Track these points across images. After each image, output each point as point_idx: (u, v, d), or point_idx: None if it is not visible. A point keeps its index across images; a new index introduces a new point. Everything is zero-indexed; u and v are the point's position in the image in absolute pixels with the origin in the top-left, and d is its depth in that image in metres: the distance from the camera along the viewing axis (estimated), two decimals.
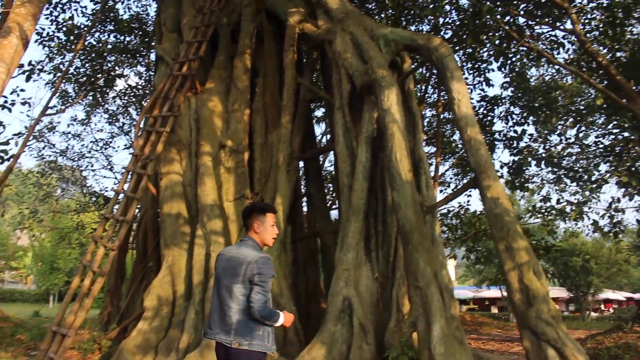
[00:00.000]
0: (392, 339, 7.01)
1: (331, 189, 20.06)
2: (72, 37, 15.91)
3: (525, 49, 14.81)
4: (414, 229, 6.82)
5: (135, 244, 12.26)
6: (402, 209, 7.00)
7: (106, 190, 22.77)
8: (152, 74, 17.98)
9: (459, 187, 23.53)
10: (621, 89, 11.59)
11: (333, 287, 7.41)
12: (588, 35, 13.28)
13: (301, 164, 12.69)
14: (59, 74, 16.54)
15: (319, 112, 22.78)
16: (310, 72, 12.23)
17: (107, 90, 18.82)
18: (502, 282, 26.18)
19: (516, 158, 16.65)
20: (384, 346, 7.00)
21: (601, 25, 13.02)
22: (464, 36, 13.41)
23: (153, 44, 15.89)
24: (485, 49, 16.58)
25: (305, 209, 13.33)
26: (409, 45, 8.83)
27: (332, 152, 19.12)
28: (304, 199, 13.26)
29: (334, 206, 17.88)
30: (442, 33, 16.66)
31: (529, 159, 14.54)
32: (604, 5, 12.78)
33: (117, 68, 18.33)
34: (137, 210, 11.87)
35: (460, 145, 22.28)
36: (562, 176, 13.63)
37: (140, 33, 18.34)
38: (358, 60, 8.79)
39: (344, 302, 7.22)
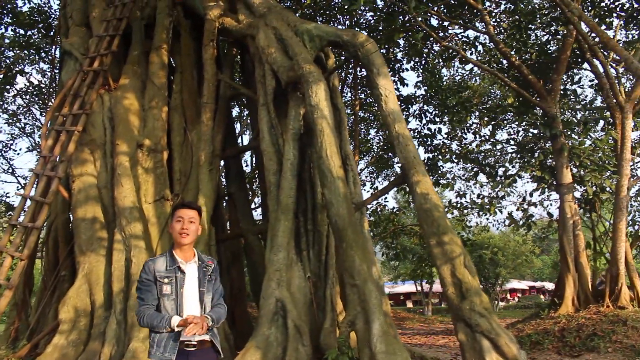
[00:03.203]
0: (329, 340, 6.87)
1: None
2: None
3: (437, 49, 15.26)
4: (348, 226, 6.71)
5: (44, 253, 11.37)
6: (335, 206, 6.87)
7: (8, 196, 21.27)
8: (57, 71, 16.90)
9: (375, 185, 23.95)
10: (530, 89, 12.15)
11: (265, 289, 7.15)
12: (498, 37, 13.83)
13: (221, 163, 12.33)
14: None
15: (234, 112, 22.41)
16: (230, 68, 11.89)
17: (8, 87, 17.46)
18: (418, 277, 26.85)
19: (431, 155, 17.11)
20: (320, 347, 6.85)
21: (509, 29, 13.63)
22: (378, 37, 13.60)
23: (58, 39, 14.90)
24: (398, 49, 16.94)
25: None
26: (333, 41, 8.74)
27: (248, 153, 18.92)
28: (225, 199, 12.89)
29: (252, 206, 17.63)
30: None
31: (447, 155, 14.92)
32: (511, 9, 13.36)
33: (17, 64, 17.04)
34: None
35: (375, 145, 22.76)
36: (479, 171, 14.12)
37: (43, 27, 17.14)
38: (283, 55, 8.60)
39: (277, 304, 6.99)
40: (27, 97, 19.84)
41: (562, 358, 8.69)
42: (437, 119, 18.30)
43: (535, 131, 13.30)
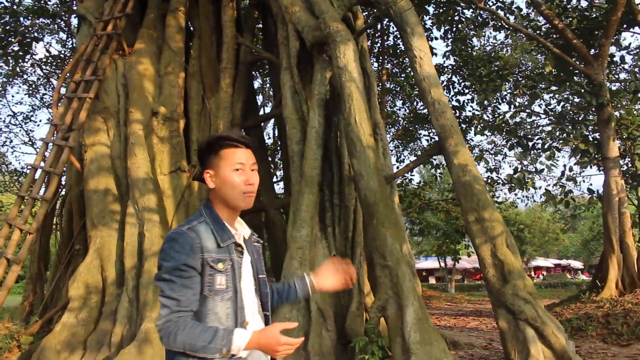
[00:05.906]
0: (355, 324, 6.30)
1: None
2: None
3: (469, 16, 14.39)
4: (379, 201, 6.06)
5: (59, 226, 10.99)
6: (364, 178, 6.22)
7: (29, 169, 21.04)
8: (75, 40, 16.38)
9: (402, 159, 23.23)
10: (573, 55, 11.26)
11: (286, 268, 6.58)
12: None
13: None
14: None
15: (256, 83, 21.76)
16: (251, 32, 11.21)
17: (25, 57, 17.00)
18: (443, 254, 26.18)
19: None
20: (346, 333, 6.28)
21: None
22: None
23: (75, 7, 14.33)
24: (427, 17, 16.09)
25: None
26: None
27: (270, 124, 18.28)
28: None
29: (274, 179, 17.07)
30: None
31: (478, 126, 14.10)
32: None
33: (32, 31, 16.53)
34: (61, 188, 10.66)
35: (401, 117, 21.96)
36: (515, 144, 13.34)
37: None
38: (308, 14, 7.90)
39: None
40: (47, 68, 19.45)
41: (609, 347, 7.97)
42: (466, 90, 17.51)
43: (577, 100, 12.39)
